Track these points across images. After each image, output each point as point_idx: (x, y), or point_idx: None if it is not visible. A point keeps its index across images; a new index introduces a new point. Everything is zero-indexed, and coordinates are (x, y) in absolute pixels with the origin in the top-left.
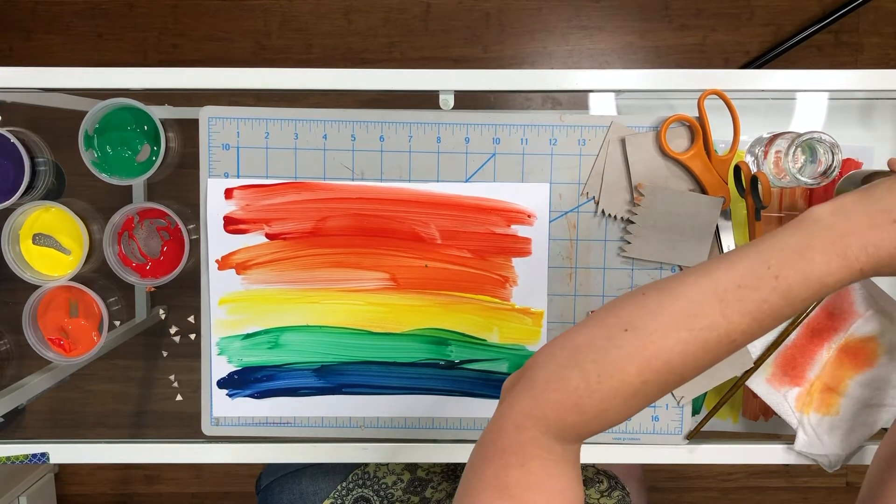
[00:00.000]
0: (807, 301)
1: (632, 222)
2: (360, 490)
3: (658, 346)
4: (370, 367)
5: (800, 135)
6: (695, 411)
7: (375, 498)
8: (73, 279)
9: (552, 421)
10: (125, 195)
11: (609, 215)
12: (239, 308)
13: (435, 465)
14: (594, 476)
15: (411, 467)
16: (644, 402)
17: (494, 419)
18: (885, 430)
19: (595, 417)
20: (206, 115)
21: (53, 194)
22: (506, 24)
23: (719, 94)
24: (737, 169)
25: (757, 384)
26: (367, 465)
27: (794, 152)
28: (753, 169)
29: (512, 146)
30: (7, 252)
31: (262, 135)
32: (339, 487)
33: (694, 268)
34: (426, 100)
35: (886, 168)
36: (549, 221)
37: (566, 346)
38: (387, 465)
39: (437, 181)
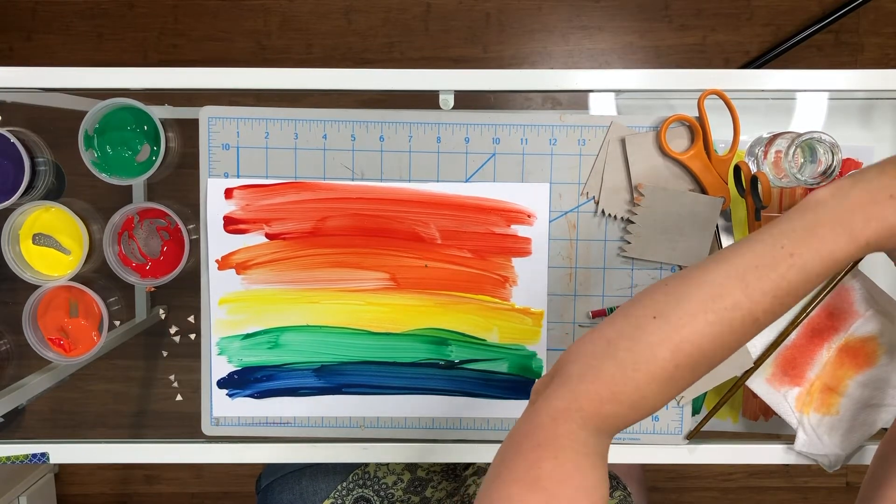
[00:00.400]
0: (821, 276)
1: (632, 222)
2: (360, 490)
3: (688, 330)
4: (370, 367)
5: (800, 135)
6: (695, 411)
7: (376, 498)
8: (73, 279)
9: (589, 413)
10: (125, 195)
11: (609, 215)
12: (239, 308)
13: (435, 464)
14: None
15: (411, 467)
16: (677, 389)
17: (528, 415)
18: (885, 430)
19: (632, 406)
20: (206, 115)
21: (53, 194)
22: (506, 24)
23: (719, 94)
24: (737, 169)
25: (757, 384)
26: (367, 465)
27: (793, 152)
28: (753, 169)
29: (512, 146)
30: (7, 252)
31: (262, 135)
32: (339, 487)
33: (710, 256)
34: (426, 100)
35: None
36: (549, 221)
37: (598, 340)
38: (387, 465)
39: (437, 181)
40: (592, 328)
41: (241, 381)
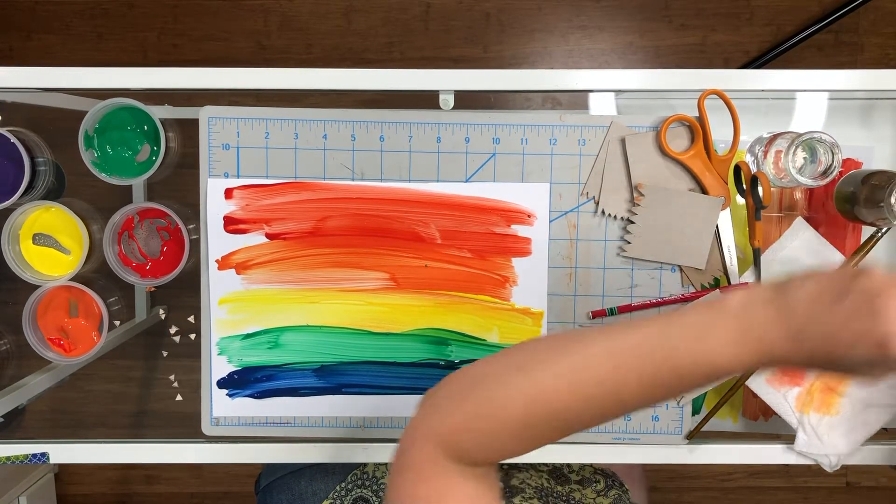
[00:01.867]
0: (697, 381)
1: (632, 222)
2: (358, 490)
3: (543, 390)
4: (370, 367)
5: (800, 135)
6: (695, 411)
7: (374, 498)
8: (73, 279)
9: (446, 439)
10: (125, 195)
11: (609, 215)
12: (239, 308)
13: None
14: (591, 476)
15: None
16: (533, 442)
17: (402, 440)
18: (886, 430)
19: (485, 446)
20: (206, 115)
21: (53, 194)
22: (506, 24)
23: (719, 94)
24: (737, 169)
25: (757, 384)
26: (366, 465)
27: (794, 152)
28: (753, 169)
29: (512, 146)
30: (7, 252)
31: (262, 135)
32: (337, 488)
33: (599, 327)
34: (426, 100)
35: (886, 168)
36: (549, 221)
37: (468, 375)
38: (386, 465)
39: (437, 181)
40: (469, 364)
41: (241, 381)
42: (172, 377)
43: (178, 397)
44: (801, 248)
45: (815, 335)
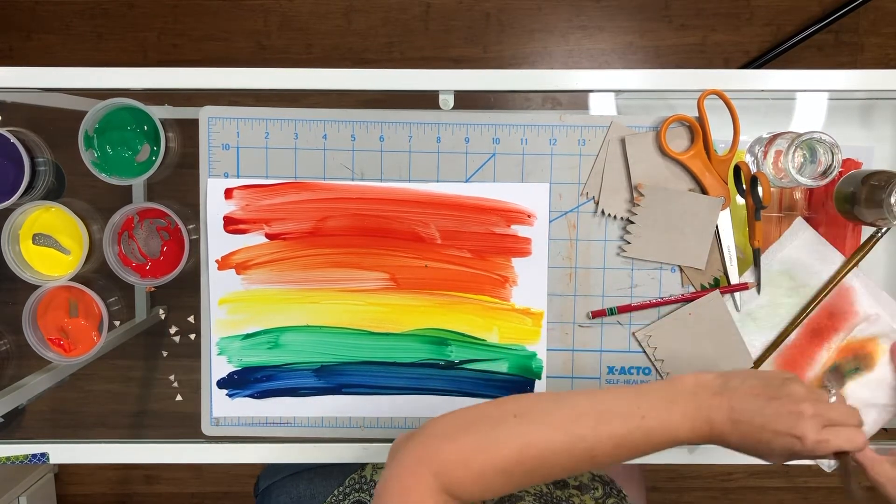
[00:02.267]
0: (661, 446)
1: (632, 222)
2: (356, 494)
3: (537, 437)
4: (370, 367)
5: (800, 135)
6: None
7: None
8: (73, 279)
9: (441, 470)
10: (125, 195)
11: (609, 215)
12: (239, 308)
13: None
14: (589, 482)
15: None
16: (513, 485)
17: (390, 467)
18: (885, 430)
19: (475, 478)
20: (206, 115)
21: (53, 194)
22: (506, 24)
23: (719, 94)
24: (737, 169)
25: None
26: (363, 469)
27: (793, 152)
28: (753, 169)
29: (512, 146)
30: (7, 252)
31: (262, 135)
32: (335, 492)
33: (590, 389)
34: (426, 100)
35: (886, 168)
36: (549, 221)
37: (467, 414)
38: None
39: (437, 181)
40: (466, 407)
41: (241, 382)
42: (172, 377)
43: (178, 397)
44: (801, 248)
45: (750, 423)
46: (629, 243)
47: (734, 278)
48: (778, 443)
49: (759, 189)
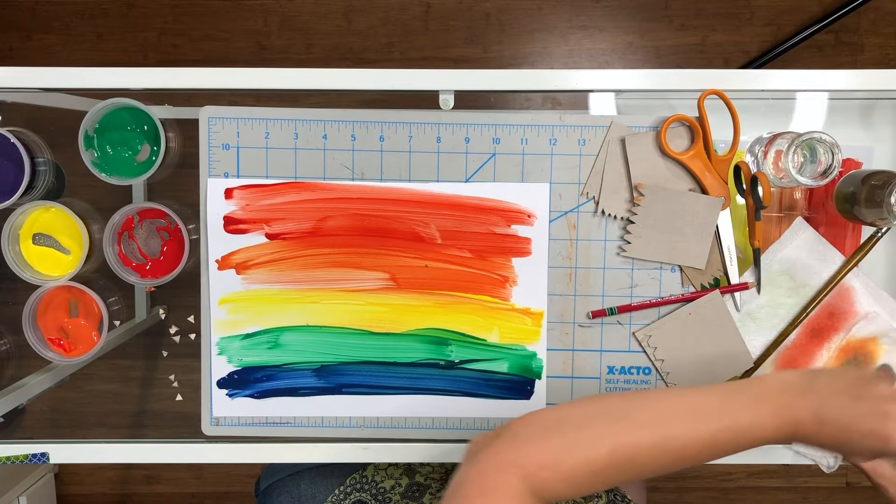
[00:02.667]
0: (748, 446)
1: (632, 222)
2: (357, 494)
3: (627, 438)
4: (370, 367)
5: (800, 135)
6: None
7: (373, 502)
8: (73, 279)
9: (529, 472)
10: (125, 195)
11: (609, 215)
12: (239, 308)
13: (434, 470)
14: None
15: (410, 472)
16: (603, 483)
17: (472, 465)
18: None
19: (564, 480)
20: (206, 115)
21: (53, 194)
22: (506, 24)
23: (719, 94)
24: (737, 169)
25: None
26: (365, 469)
27: (793, 152)
28: (753, 169)
29: (512, 146)
30: (7, 252)
31: (262, 135)
32: (336, 492)
33: (675, 388)
34: (426, 100)
35: (886, 168)
36: (549, 221)
37: (551, 415)
38: (385, 469)
39: (437, 181)
40: (547, 407)
41: (241, 381)
42: (172, 377)
43: (178, 397)
44: (801, 247)
45: (836, 423)
46: (629, 243)
47: (734, 278)
48: (864, 443)
49: (760, 189)
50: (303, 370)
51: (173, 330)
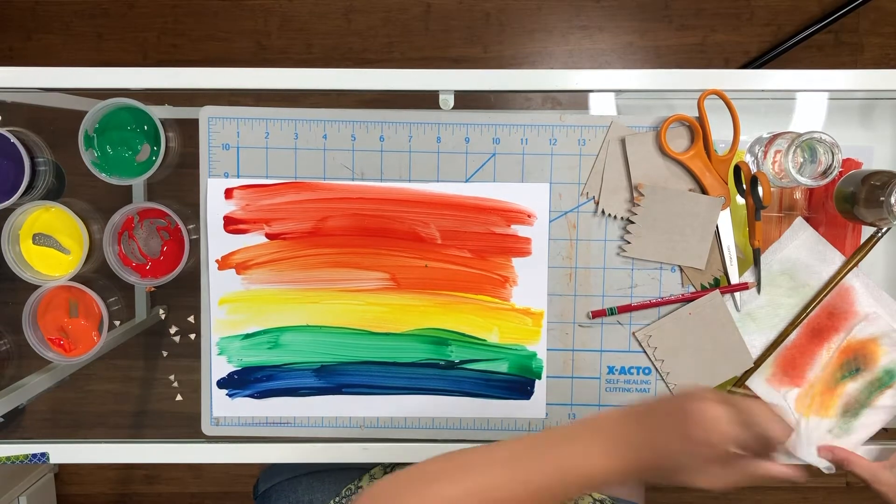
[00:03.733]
0: (577, 488)
1: (632, 222)
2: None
3: (487, 486)
4: (370, 367)
5: (800, 135)
6: None
7: None
8: (73, 279)
9: None
10: (125, 195)
11: (609, 215)
12: (239, 308)
13: None
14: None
15: None
16: None
17: None
18: (885, 430)
19: None
20: (206, 115)
21: (53, 194)
22: (506, 24)
23: (719, 94)
24: (737, 169)
25: (757, 384)
26: (360, 479)
27: (793, 152)
28: (753, 169)
29: (512, 146)
30: (7, 252)
31: (262, 135)
32: (331, 503)
33: (502, 443)
34: (426, 100)
35: (886, 168)
36: (549, 221)
37: (419, 469)
38: (383, 476)
39: (437, 181)
40: (406, 469)
41: (241, 381)
42: (172, 377)
43: (178, 397)
44: (801, 247)
45: (647, 439)
46: (629, 243)
47: (734, 278)
48: (673, 448)
49: (759, 189)
50: (303, 370)
51: (173, 330)
